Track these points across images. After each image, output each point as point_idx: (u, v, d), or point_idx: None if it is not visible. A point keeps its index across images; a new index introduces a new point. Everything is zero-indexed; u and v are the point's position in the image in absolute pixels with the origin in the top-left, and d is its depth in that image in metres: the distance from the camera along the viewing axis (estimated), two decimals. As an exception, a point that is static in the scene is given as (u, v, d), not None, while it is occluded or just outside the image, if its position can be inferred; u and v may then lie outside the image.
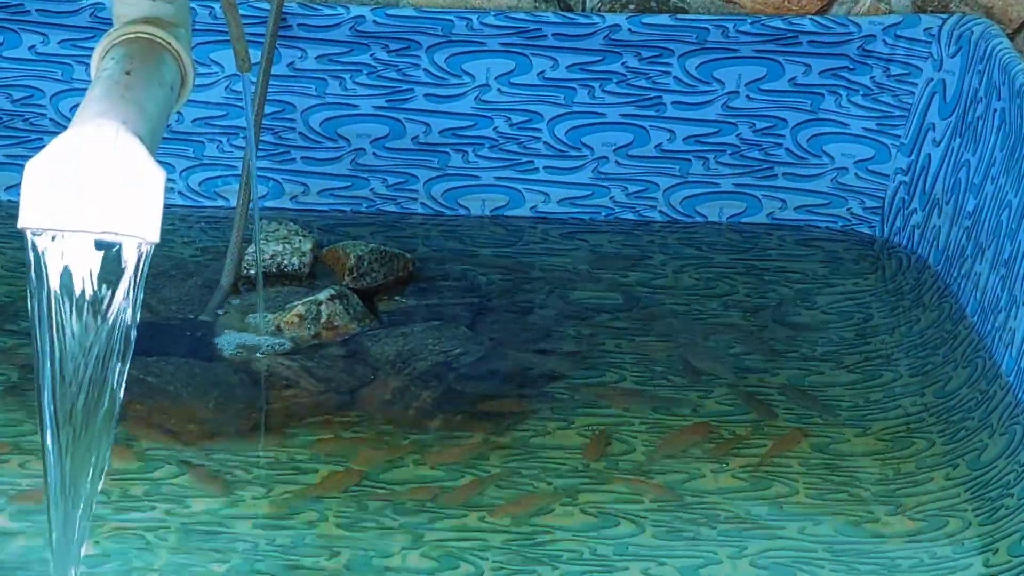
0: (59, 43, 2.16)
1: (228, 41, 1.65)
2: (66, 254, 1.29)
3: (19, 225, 1.28)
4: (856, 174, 2.22)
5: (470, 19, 2.16)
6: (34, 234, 1.28)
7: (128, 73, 1.37)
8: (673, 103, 2.19)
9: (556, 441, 1.78)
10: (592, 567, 1.59)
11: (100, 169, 1.27)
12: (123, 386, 1.36)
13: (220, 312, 1.97)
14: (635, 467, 1.74)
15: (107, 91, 1.34)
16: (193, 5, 1.99)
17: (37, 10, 2.16)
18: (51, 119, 2.18)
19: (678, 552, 1.62)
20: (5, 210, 2.17)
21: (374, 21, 2.15)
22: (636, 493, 1.69)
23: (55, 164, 1.27)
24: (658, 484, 1.71)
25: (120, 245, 1.29)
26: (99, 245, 1.29)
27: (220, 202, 2.21)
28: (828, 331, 2.01)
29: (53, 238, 1.28)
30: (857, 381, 1.91)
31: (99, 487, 1.38)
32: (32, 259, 1.29)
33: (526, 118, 2.20)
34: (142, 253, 1.30)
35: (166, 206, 1.30)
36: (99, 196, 1.27)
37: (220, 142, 2.20)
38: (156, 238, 1.29)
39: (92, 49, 1.45)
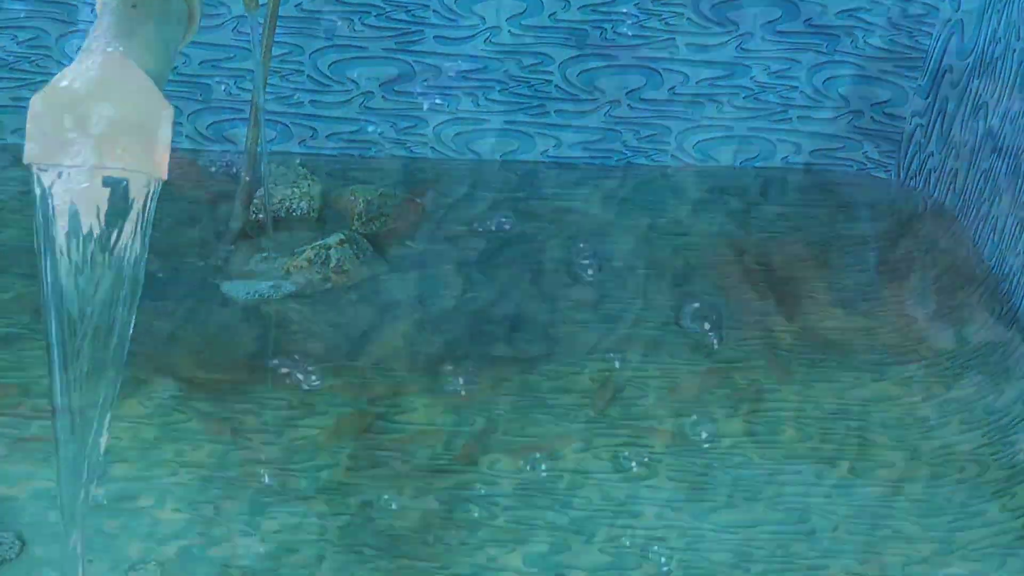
0: (65, -17, 2.14)
1: (236, -21, 1.62)
2: (72, 190, 1.26)
3: (24, 160, 1.26)
4: (872, 117, 2.19)
5: (481, -40, 2.13)
6: (40, 170, 1.26)
7: (134, 7, 1.35)
8: (687, 45, 2.16)
9: (567, 386, 1.77)
10: (604, 512, 1.58)
11: (106, 104, 1.25)
12: (131, 328, 1.34)
13: (229, 253, 1.95)
14: (648, 413, 1.72)
15: (113, 25, 1.32)
16: (200, -56, 1.97)
17: (42, -50, 2.14)
18: (57, 61, 2.16)
19: (692, 496, 1.61)
20: (12, 152, 2.15)
21: (383, -38, 2.13)
22: (649, 438, 1.68)
23: (60, 98, 1.25)
24: (670, 430, 1.70)
25: (127, 181, 1.27)
26: (106, 182, 1.27)
27: (228, 146, 2.19)
28: (843, 275, 1.99)
29: (60, 174, 1.26)
30: (872, 326, 1.89)
31: (106, 431, 1.37)
32: (38, 195, 1.27)
33: (537, 60, 2.18)
34: (150, 190, 1.28)
35: (173, 149, 1.27)
36: (106, 131, 1.25)
37: (227, 84, 2.18)
38: (164, 175, 1.27)
39: (98, -13, 1.43)
